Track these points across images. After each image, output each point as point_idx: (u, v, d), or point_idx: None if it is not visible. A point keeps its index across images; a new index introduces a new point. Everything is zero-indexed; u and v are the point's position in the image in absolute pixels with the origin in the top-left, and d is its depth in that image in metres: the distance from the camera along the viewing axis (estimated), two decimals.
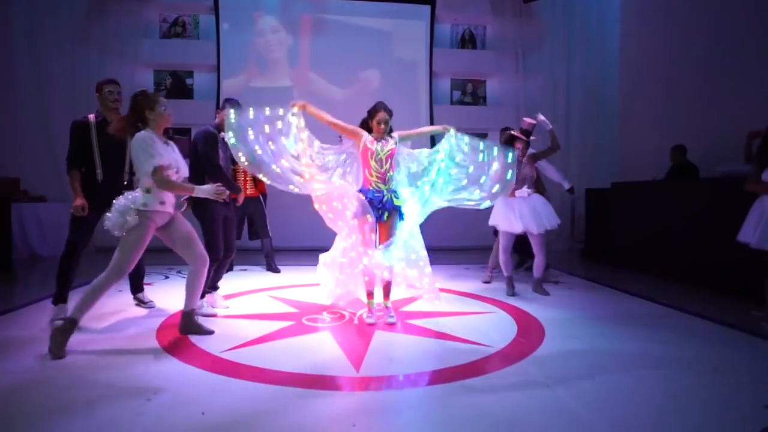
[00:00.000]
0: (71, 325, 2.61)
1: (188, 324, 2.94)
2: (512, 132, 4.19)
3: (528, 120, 4.11)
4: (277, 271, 5.30)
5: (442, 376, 2.33)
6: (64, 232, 6.74)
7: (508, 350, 2.72)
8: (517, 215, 4.00)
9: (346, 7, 7.88)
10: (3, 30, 7.01)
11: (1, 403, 1.98)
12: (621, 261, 5.69)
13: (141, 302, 3.70)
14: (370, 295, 3.35)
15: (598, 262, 6.02)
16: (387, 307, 3.34)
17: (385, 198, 3.18)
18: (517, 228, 4.00)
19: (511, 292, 4.13)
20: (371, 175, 3.20)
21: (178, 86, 8.04)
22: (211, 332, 2.94)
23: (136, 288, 3.73)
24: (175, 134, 7.97)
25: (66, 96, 7.38)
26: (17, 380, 2.20)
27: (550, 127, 4.12)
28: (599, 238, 6.22)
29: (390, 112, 3.26)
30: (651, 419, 1.89)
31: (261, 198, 5.17)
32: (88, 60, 7.45)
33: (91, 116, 3.33)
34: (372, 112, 3.26)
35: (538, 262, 4.16)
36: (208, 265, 2.93)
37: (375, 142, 3.20)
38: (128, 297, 4.02)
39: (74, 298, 2.87)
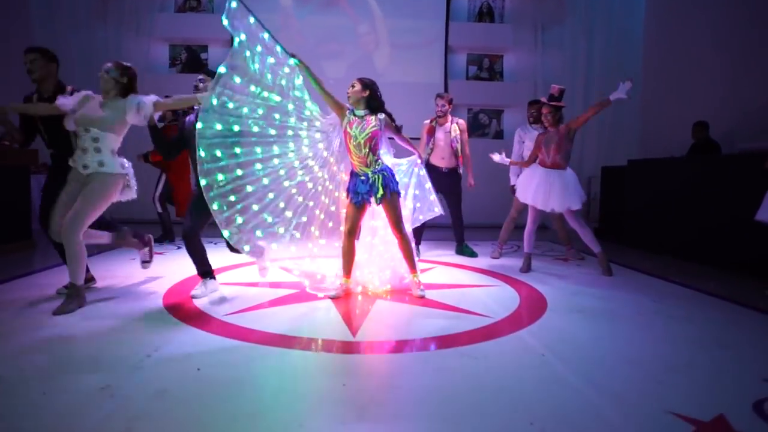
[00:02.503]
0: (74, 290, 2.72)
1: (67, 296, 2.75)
2: (543, 100, 3.99)
3: (556, 86, 3.98)
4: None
5: (437, 343, 2.33)
6: None
7: (508, 321, 2.70)
8: (542, 190, 3.84)
9: None
10: (22, 6, 7.09)
11: (12, 358, 2.06)
12: (636, 240, 5.56)
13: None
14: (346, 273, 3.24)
15: (613, 242, 5.89)
16: (416, 281, 3.24)
17: (371, 180, 3.08)
18: (538, 202, 3.87)
19: (526, 269, 4.06)
20: (353, 160, 3.12)
21: (193, 60, 8.06)
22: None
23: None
24: (190, 109, 8.02)
25: (82, 71, 7.45)
26: (28, 337, 2.29)
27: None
28: (614, 217, 6.08)
29: (367, 86, 3.09)
30: (647, 389, 1.86)
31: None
32: (105, 35, 7.51)
33: None
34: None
35: (585, 237, 3.87)
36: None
37: (354, 125, 3.06)
38: (138, 265, 4.13)
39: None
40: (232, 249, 3.37)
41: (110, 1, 7.49)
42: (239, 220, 2.89)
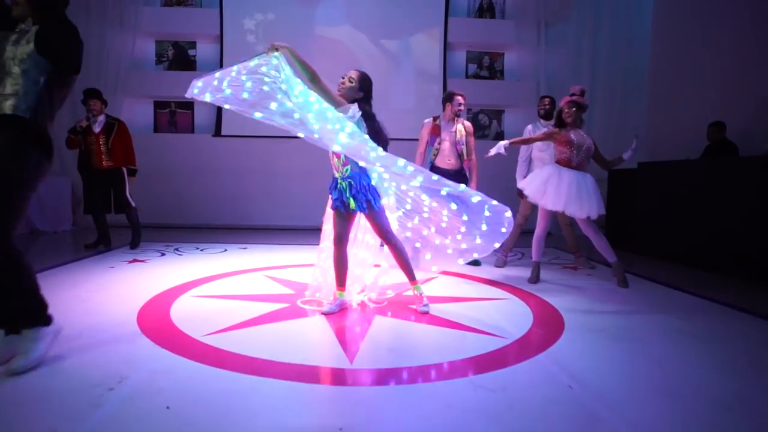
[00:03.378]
0: None
1: None
2: (576, 99, 3.62)
3: (578, 86, 3.71)
4: (134, 247, 4.95)
5: (446, 371, 2.04)
6: (63, 207, 6.68)
7: (523, 342, 2.41)
8: (564, 192, 3.46)
9: None
10: None
11: None
12: (646, 247, 5.31)
13: None
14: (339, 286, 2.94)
15: (621, 249, 5.61)
16: (418, 294, 2.93)
17: (338, 186, 2.76)
18: (559, 205, 3.46)
19: (535, 280, 3.76)
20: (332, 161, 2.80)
21: (181, 57, 7.73)
22: None
23: None
24: (178, 108, 7.72)
25: None
26: None
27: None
28: (623, 223, 5.82)
29: (363, 87, 2.78)
30: (700, 423, 1.58)
31: (123, 171, 4.86)
32: (88, 29, 7.12)
33: None
34: None
35: (600, 246, 3.55)
36: None
37: None
38: (118, 273, 3.83)
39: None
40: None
41: None
42: None
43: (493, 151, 3.65)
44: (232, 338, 2.36)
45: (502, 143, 3.64)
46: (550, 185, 3.53)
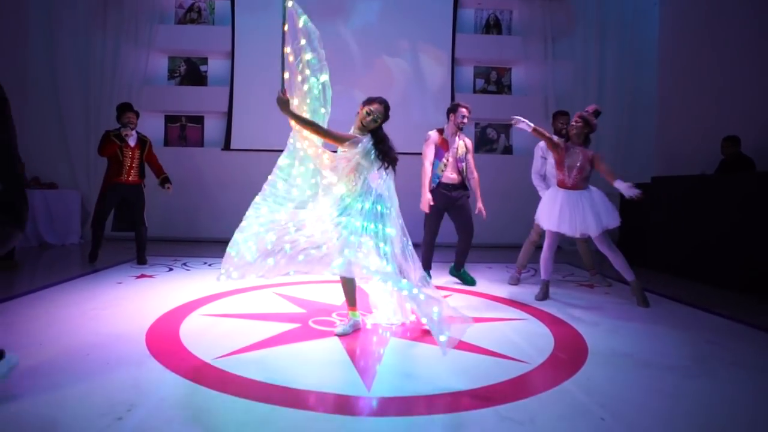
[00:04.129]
0: None
1: None
2: (585, 114, 3.57)
3: (593, 105, 3.72)
4: (144, 263, 4.89)
5: (469, 400, 1.94)
6: (72, 220, 6.66)
7: (547, 368, 2.31)
8: (567, 214, 3.48)
9: None
10: (19, 12, 6.83)
11: None
12: (659, 263, 5.19)
13: None
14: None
15: (634, 265, 5.49)
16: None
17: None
18: (563, 228, 3.50)
19: (542, 297, 3.70)
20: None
21: (193, 73, 7.79)
22: None
23: None
24: (189, 122, 7.74)
25: (79, 82, 7.20)
26: None
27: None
28: (636, 238, 5.71)
29: (386, 115, 2.79)
30: None
31: (143, 186, 4.95)
32: (104, 45, 7.25)
33: None
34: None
35: (617, 263, 3.51)
36: None
37: None
38: (126, 289, 3.77)
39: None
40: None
41: (110, 10, 7.24)
42: None
43: (518, 122, 3.53)
44: (243, 361, 2.28)
45: (529, 124, 3.53)
46: (545, 206, 3.61)
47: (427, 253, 4.16)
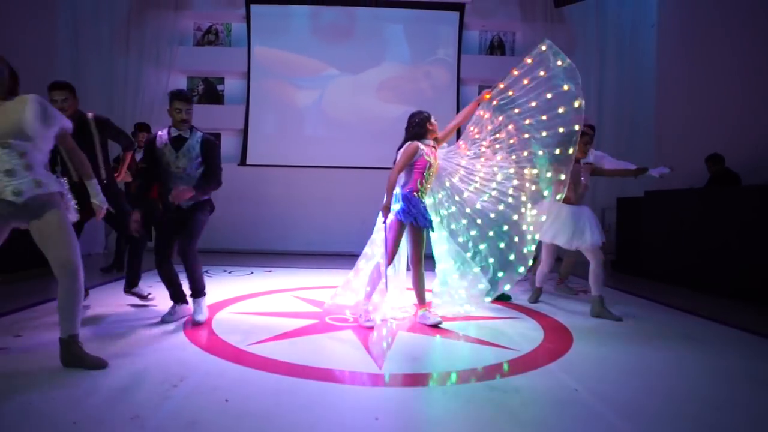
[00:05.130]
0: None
1: (68, 354, 2.22)
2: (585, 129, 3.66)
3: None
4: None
5: (466, 376, 2.28)
6: (97, 230, 7.06)
7: (535, 354, 2.65)
8: (570, 228, 3.61)
9: (375, 13, 7.97)
10: (49, 37, 7.36)
11: (41, 387, 2.04)
12: (653, 273, 5.49)
13: (140, 296, 3.56)
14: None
15: (629, 274, 5.83)
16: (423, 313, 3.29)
17: (424, 204, 3.32)
18: (560, 240, 3.65)
19: (534, 300, 4.03)
20: (424, 186, 3.25)
21: (210, 92, 8.28)
22: (103, 366, 2.22)
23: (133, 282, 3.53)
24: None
25: (102, 99, 7.69)
26: (56, 366, 2.27)
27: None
28: (631, 249, 6.03)
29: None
30: (689, 424, 1.81)
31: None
32: (126, 66, 7.75)
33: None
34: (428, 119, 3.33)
35: (597, 278, 3.57)
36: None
37: (431, 153, 3.26)
38: (156, 293, 4.12)
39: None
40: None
41: (132, 32, 7.77)
42: None
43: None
44: (271, 348, 2.64)
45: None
46: (555, 225, 3.65)
47: None
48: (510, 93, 3.41)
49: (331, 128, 7.95)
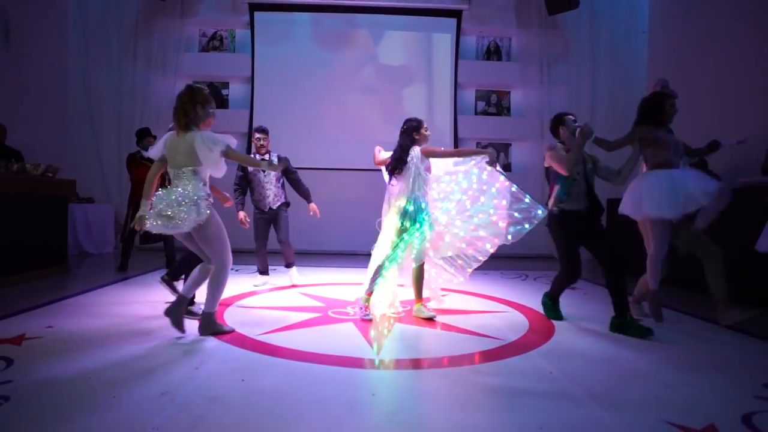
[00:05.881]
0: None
1: (208, 325, 2.92)
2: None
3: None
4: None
5: (454, 362, 2.56)
6: (107, 231, 7.36)
7: (518, 343, 2.92)
8: (675, 191, 3.09)
9: (375, 20, 8.24)
10: (60, 45, 7.65)
11: (77, 372, 2.32)
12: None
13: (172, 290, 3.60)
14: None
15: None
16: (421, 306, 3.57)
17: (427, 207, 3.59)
18: (677, 208, 3.07)
19: (659, 317, 3.38)
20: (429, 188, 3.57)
21: (214, 96, 8.52)
22: (231, 330, 2.99)
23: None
24: None
25: (110, 106, 7.97)
26: (85, 356, 2.55)
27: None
28: (619, 247, 6.27)
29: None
30: (646, 402, 2.07)
31: None
32: (134, 73, 8.03)
33: None
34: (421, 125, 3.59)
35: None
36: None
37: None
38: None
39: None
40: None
41: (140, 40, 8.05)
42: None
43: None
44: (279, 337, 2.91)
45: None
46: (663, 192, 3.27)
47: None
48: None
49: (332, 131, 8.21)
